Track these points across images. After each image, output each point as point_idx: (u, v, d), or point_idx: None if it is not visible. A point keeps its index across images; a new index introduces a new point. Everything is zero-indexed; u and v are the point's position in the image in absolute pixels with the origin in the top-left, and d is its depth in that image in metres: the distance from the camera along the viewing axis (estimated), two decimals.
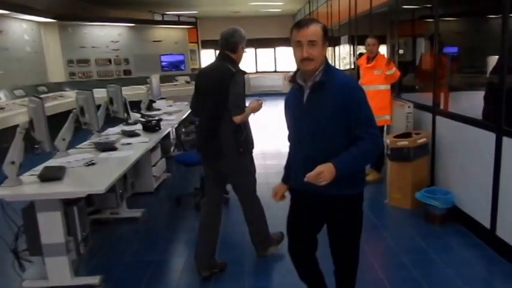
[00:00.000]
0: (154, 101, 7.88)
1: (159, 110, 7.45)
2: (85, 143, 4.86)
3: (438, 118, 4.71)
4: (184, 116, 7.15)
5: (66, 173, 3.52)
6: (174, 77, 12.71)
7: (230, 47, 3.40)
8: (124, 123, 6.01)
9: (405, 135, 4.90)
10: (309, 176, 2.09)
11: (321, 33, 2.19)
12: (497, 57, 6.27)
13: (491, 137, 3.60)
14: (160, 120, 5.85)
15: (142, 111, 7.15)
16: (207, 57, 18.21)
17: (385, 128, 5.68)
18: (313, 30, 2.16)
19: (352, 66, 8.67)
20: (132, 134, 5.16)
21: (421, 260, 3.66)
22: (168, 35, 13.24)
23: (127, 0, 12.23)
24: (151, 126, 5.38)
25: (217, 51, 3.57)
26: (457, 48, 6.51)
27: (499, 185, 3.54)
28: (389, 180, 4.95)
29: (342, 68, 9.63)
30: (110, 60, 11.89)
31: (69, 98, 9.12)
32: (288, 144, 2.53)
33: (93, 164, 3.90)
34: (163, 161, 5.97)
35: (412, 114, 5.12)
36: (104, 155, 4.27)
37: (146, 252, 4.02)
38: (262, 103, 3.52)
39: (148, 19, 13.94)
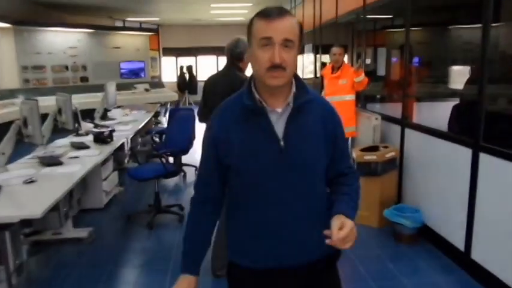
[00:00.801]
0: (110, 110, 7.36)
1: (114, 119, 6.93)
2: (28, 156, 4.33)
3: (407, 131, 4.42)
4: (140, 126, 6.66)
5: (1, 193, 3.07)
6: (133, 85, 12.13)
7: (236, 57, 3.44)
8: (74, 134, 5.48)
9: (372, 148, 4.59)
10: (338, 238, 1.37)
11: (298, 32, 1.41)
12: (461, 67, 6.14)
13: (467, 152, 3.31)
14: (113, 131, 5.35)
15: (96, 121, 6.61)
16: (168, 64, 17.69)
17: (349, 140, 5.37)
18: (290, 25, 1.39)
19: (317, 75, 8.38)
20: (82, 146, 4.65)
21: (391, 287, 3.32)
22: (128, 42, 12.65)
23: (86, 5, 11.60)
24: (102, 138, 4.87)
25: (220, 59, 3.65)
26: (418, 58, 6.37)
27: (475, 204, 3.25)
28: None
29: (305, 77, 9.35)
30: (66, 67, 11.19)
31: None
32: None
33: (32, 181, 3.42)
34: (115, 175, 5.45)
35: (380, 126, 4.82)
36: (46, 170, 3.79)
37: (90, 279, 3.51)
38: None
39: (109, 25, 13.30)
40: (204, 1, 11.26)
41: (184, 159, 7.31)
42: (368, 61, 5.81)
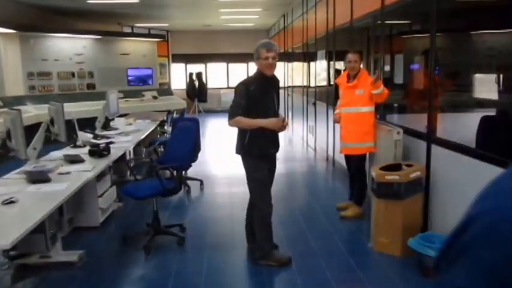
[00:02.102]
0: (112, 119, 6.97)
1: (116, 129, 6.53)
2: (16, 171, 3.94)
3: (434, 148, 3.92)
4: (143, 136, 6.25)
5: None
6: (140, 92, 11.78)
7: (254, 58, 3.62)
8: (72, 145, 5.07)
9: (394, 166, 4.09)
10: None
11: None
12: (486, 75, 5.62)
13: None
14: (110, 143, 4.93)
15: (97, 131, 6.22)
16: (177, 71, 17.33)
17: (367, 156, 4.88)
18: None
19: (330, 83, 7.90)
20: (75, 160, 4.24)
21: None
22: (136, 48, 12.31)
23: (94, 12, 11.31)
24: (97, 151, 4.45)
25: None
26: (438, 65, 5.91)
27: None
28: (374, 221, 4.13)
29: (318, 84, 8.87)
30: (73, 74, 10.87)
31: (26, 113, 8.05)
32: None
33: (12, 202, 3.02)
34: (113, 190, 5.00)
35: (402, 141, 4.33)
36: (31, 188, 3.40)
37: None
38: (285, 123, 3.65)
39: (115, 31, 12.98)
40: (213, 6, 10.90)
41: (190, 172, 6.91)
42: (387, 68, 5.32)
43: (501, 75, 5.05)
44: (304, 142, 10.14)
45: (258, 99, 3.55)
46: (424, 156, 4.07)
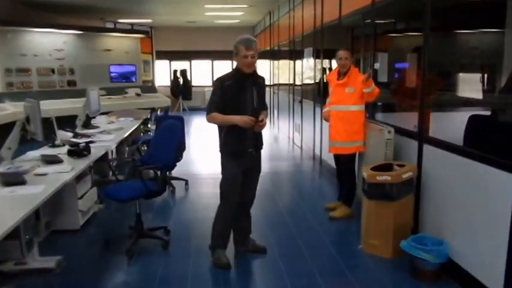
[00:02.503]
0: (94, 117, 6.75)
1: (97, 127, 6.32)
2: None
3: (426, 147, 3.83)
4: (125, 135, 6.05)
5: None
6: (123, 89, 11.51)
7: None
8: (50, 144, 4.86)
9: (385, 166, 4.00)
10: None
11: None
12: (471, 74, 5.57)
13: (507, 178, 2.73)
14: (91, 142, 4.75)
15: (77, 129, 6.01)
16: (161, 68, 17.07)
17: (356, 156, 4.78)
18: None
19: (317, 81, 7.79)
20: (53, 161, 4.04)
21: None
22: (119, 44, 12.03)
23: (76, 6, 11.01)
24: (77, 151, 4.26)
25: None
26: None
27: None
28: (364, 222, 4.02)
29: (304, 82, 8.76)
30: (53, 70, 10.55)
31: (3, 110, 7.77)
32: None
33: None
34: (94, 191, 4.82)
35: (393, 141, 4.23)
36: (5, 191, 3.20)
37: None
38: (262, 122, 3.49)
39: (97, 26, 12.65)
40: (197, 2, 10.71)
41: (174, 171, 6.72)
42: (377, 66, 5.20)
43: (485, 75, 5.01)
44: (291, 140, 10.03)
45: (233, 96, 3.45)
46: (415, 156, 3.98)
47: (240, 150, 3.54)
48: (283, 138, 10.57)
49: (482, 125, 4.10)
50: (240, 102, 3.46)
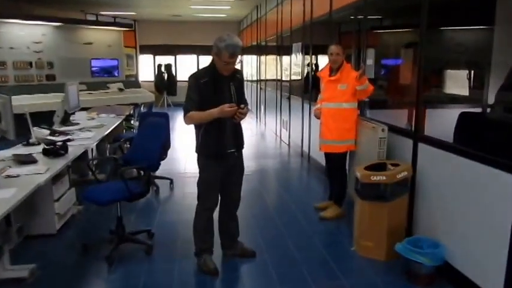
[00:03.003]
0: (73, 113, 6.51)
1: (76, 124, 6.09)
2: None
3: (421, 146, 3.70)
4: (106, 132, 5.81)
5: None
6: (105, 84, 11.24)
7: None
8: (24, 143, 4.63)
9: (378, 166, 3.86)
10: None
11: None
12: (458, 71, 5.49)
13: (507, 178, 2.60)
14: (68, 140, 4.53)
15: (55, 127, 5.77)
16: (146, 63, 16.76)
17: (347, 155, 4.63)
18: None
19: (304, 76, 7.64)
20: (26, 161, 3.82)
21: None
22: (100, 37, 11.73)
23: None
24: (53, 150, 4.04)
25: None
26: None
27: None
28: (357, 223, 3.89)
29: (292, 78, 8.60)
30: (30, 64, 10.24)
31: None
32: None
33: None
34: (72, 192, 4.59)
35: (386, 139, 4.09)
36: None
37: None
38: (235, 109, 3.23)
39: (78, 18, 12.30)
40: None
41: (158, 170, 6.51)
42: (370, 62, 5.08)
43: (472, 72, 4.92)
44: (278, 137, 9.87)
45: (210, 93, 3.24)
46: (409, 155, 3.85)
47: (220, 151, 3.35)
48: (270, 135, 10.41)
49: (473, 122, 4.02)
50: (218, 100, 3.23)
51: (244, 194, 3.74)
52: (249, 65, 15.05)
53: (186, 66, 16.72)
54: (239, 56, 3.30)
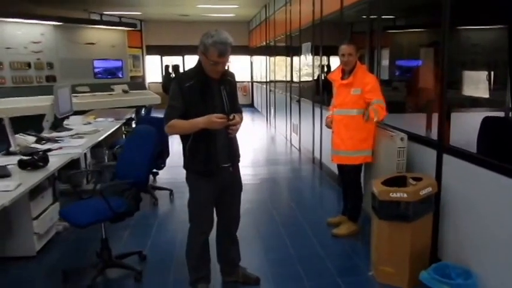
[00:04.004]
0: (67, 117, 6.13)
1: (69, 129, 5.69)
2: None
3: (447, 158, 3.23)
4: (101, 138, 5.42)
5: None
6: (109, 86, 10.87)
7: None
8: (4, 152, 4.24)
9: (398, 180, 3.40)
10: None
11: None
12: (476, 72, 4.99)
13: None
14: (48, 150, 4.13)
15: (44, 133, 5.39)
16: (153, 64, 16.42)
17: (363, 166, 4.16)
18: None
19: (315, 78, 7.19)
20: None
21: None
22: (103, 37, 11.33)
23: None
24: (31, 162, 3.63)
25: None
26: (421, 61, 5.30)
27: None
28: (375, 245, 3.43)
29: (302, 80, 8.15)
30: (29, 64, 9.86)
31: None
32: None
33: None
34: (55, 208, 4.16)
35: (406, 149, 3.62)
36: None
37: None
38: (226, 121, 2.77)
39: (78, 18, 11.92)
40: None
41: (158, 179, 6.11)
42: (386, 63, 4.62)
43: (492, 73, 4.44)
44: (288, 141, 9.42)
45: (197, 99, 2.80)
46: (433, 168, 3.40)
47: (211, 166, 2.90)
48: (281, 139, 9.96)
49: (499, 128, 3.53)
50: (206, 107, 2.81)
51: (250, 207, 3.33)
52: (258, 66, 14.64)
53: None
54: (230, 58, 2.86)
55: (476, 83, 4.18)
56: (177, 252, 3.86)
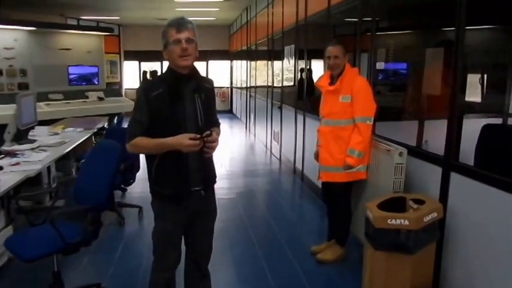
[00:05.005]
0: (32, 128, 5.50)
1: (33, 141, 5.06)
2: None
3: (455, 177, 2.73)
4: (66, 151, 4.81)
5: None
6: (84, 93, 10.22)
7: None
8: None
9: (396, 202, 2.88)
10: None
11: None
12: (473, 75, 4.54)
13: None
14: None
15: (6, 145, 4.76)
16: (131, 70, 15.73)
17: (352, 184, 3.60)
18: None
19: (295, 83, 6.68)
20: None
21: None
22: (79, 43, 10.64)
23: (30, 0, 9.73)
24: None
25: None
26: (406, 64, 4.82)
27: None
28: (368, 278, 2.89)
29: (284, 85, 7.62)
30: (0, 72, 9.18)
31: None
32: None
33: None
34: (7, 232, 3.54)
35: (405, 165, 3.11)
36: None
37: None
38: (200, 142, 2.22)
39: (52, 22, 11.20)
40: None
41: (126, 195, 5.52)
42: (382, 65, 4.11)
43: (485, 76, 3.98)
44: (268, 150, 8.86)
45: (166, 111, 2.28)
46: (436, 187, 2.88)
47: (181, 190, 2.36)
48: (260, 147, 9.40)
49: (500, 137, 3.06)
50: (177, 119, 2.28)
51: (225, 226, 2.77)
52: (238, 71, 14.11)
53: None
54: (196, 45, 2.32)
55: (468, 87, 3.72)
56: (140, 283, 3.28)
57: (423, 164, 3.06)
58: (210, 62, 16.02)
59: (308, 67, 6.57)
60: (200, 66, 16.05)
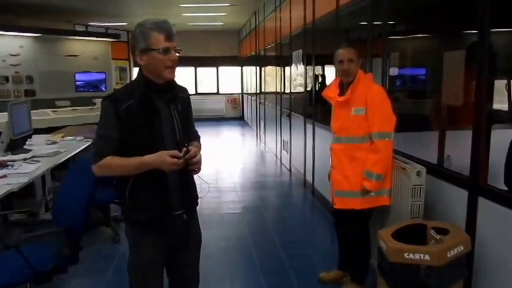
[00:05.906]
0: (29, 136, 5.23)
1: (28, 151, 4.76)
2: None
3: (483, 202, 2.32)
4: (60, 161, 4.52)
5: None
6: (91, 99, 9.99)
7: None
8: None
9: (413, 229, 2.48)
10: None
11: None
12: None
13: None
14: None
15: None
16: None
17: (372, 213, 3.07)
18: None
19: (307, 89, 6.29)
20: None
21: None
22: (86, 49, 10.44)
23: (39, 6, 9.57)
24: None
25: None
26: (425, 69, 4.38)
27: None
28: None
29: (293, 91, 7.24)
30: (6, 78, 9.02)
31: None
32: None
33: None
34: None
35: (424, 187, 2.70)
36: None
37: None
38: (182, 161, 1.90)
39: (60, 29, 11.02)
40: (171, 0, 9.32)
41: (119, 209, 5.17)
42: (395, 72, 3.72)
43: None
44: (278, 160, 8.46)
45: (139, 124, 1.94)
46: (462, 214, 2.47)
47: (160, 215, 2.01)
48: (270, 157, 9.00)
49: None
50: (153, 134, 1.95)
51: (225, 246, 2.41)
52: (248, 77, 13.78)
53: (183, 78, 15.50)
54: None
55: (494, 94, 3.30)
56: None
57: (446, 186, 2.64)
58: (220, 68, 15.75)
59: (321, 73, 6.19)
60: (209, 72, 15.83)
